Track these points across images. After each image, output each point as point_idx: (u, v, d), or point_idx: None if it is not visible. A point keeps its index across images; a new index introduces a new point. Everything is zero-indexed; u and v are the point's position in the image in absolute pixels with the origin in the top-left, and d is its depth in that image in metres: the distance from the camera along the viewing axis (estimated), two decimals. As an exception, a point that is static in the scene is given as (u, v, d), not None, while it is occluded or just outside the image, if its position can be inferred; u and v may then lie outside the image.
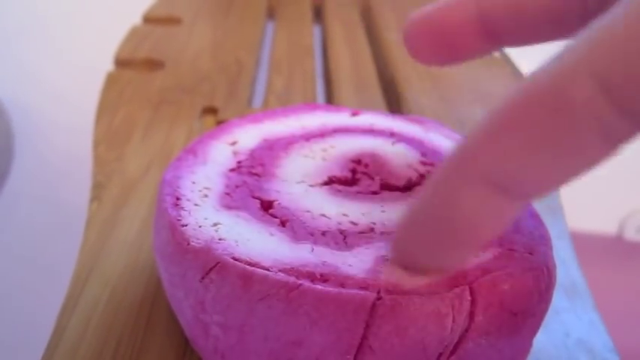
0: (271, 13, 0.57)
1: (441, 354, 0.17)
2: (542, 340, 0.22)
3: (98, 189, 0.29)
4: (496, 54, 0.49)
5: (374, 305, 0.16)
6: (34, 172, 0.67)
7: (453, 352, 0.17)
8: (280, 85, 0.41)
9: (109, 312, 0.23)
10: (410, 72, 0.44)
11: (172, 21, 0.51)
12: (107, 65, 0.42)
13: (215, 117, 0.37)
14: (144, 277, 0.24)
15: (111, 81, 0.40)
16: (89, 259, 0.25)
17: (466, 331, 0.17)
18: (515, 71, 0.46)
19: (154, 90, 0.39)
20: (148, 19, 0.51)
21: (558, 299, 0.25)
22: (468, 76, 0.44)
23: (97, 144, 0.33)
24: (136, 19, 0.51)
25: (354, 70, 0.45)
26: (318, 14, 0.58)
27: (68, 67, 0.63)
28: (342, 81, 0.43)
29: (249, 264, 0.17)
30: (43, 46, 0.65)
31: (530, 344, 0.19)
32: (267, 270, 0.17)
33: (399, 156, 0.23)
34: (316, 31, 0.54)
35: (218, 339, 0.18)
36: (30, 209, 0.59)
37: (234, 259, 0.17)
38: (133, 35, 0.47)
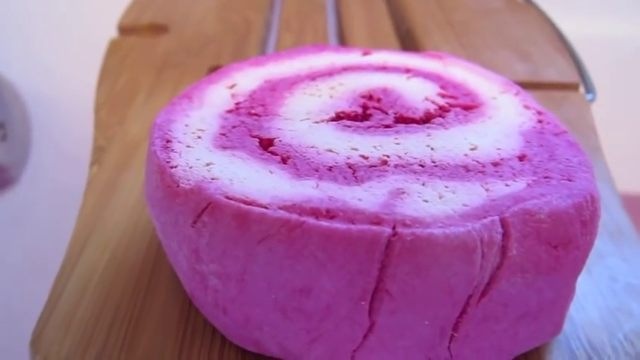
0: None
1: (470, 296, 0.14)
2: (586, 285, 0.20)
3: (99, 152, 0.28)
4: (520, -2, 0.46)
5: (389, 242, 0.14)
6: (52, 159, 0.66)
7: (484, 294, 0.14)
8: (290, 42, 0.39)
9: (107, 276, 0.21)
10: (429, 23, 0.41)
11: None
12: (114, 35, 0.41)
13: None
14: (144, 241, 0.22)
15: (113, 47, 0.38)
16: (88, 223, 0.23)
17: (498, 268, 0.14)
18: (540, 15, 0.42)
19: (157, 54, 0.37)
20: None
21: (602, 243, 0.22)
22: (490, 23, 0.41)
23: (98, 108, 0.31)
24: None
25: (369, 25, 0.42)
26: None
27: (78, 43, 0.61)
28: (356, 36, 0.40)
29: (245, 202, 0.15)
30: (49, 24, 0.64)
31: (574, 286, 0.17)
32: (266, 208, 0.14)
33: (414, 89, 0.21)
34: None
35: (217, 291, 0.16)
36: (48, 198, 0.58)
37: (228, 198, 0.15)
38: (137, 2, 0.45)
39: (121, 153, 0.28)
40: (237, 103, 0.20)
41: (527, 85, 0.33)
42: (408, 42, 0.40)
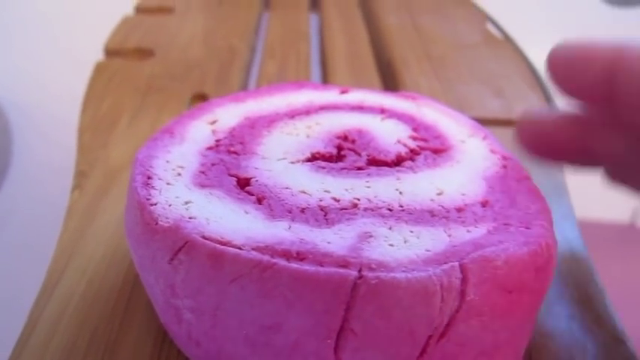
0: (267, 3, 0.55)
1: (430, 337, 0.15)
2: (545, 323, 0.21)
3: (80, 177, 0.28)
4: (497, 34, 0.47)
5: (355, 285, 0.15)
6: (33, 170, 0.66)
7: (443, 335, 0.15)
8: (273, 70, 0.40)
9: (84, 303, 0.21)
10: (409, 55, 0.43)
11: (164, 10, 0.50)
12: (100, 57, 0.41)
13: (205, 103, 0.36)
14: (122, 267, 0.23)
15: (99, 70, 0.38)
16: (67, 249, 0.24)
17: (457, 311, 0.15)
18: (516, 51, 0.44)
19: (142, 78, 0.38)
20: (140, 9, 0.50)
21: (563, 282, 0.23)
22: (467, 57, 0.43)
23: (82, 132, 0.32)
24: (129, 10, 0.50)
25: (350, 54, 0.43)
26: (315, 3, 0.57)
27: (64, 62, 0.62)
28: (337, 65, 0.41)
29: (220, 243, 0.15)
30: (37, 41, 0.64)
31: (530, 326, 0.18)
32: (239, 249, 0.15)
33: (388, 131, 0.22)
34: (313, 19, 0.53)
35: (191, 324, 0.17)
36: (29, 207, 0.58)
37: (204, 237, 0.16)
38: (124, 25, 0.46)
39: (102, 178, 0.28)
40: (218, 140, 0.21)
41: (499, 122, 0.34)
42: (388, 74, 0.41)
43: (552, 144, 0.20)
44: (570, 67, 0.19)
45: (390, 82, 0.40)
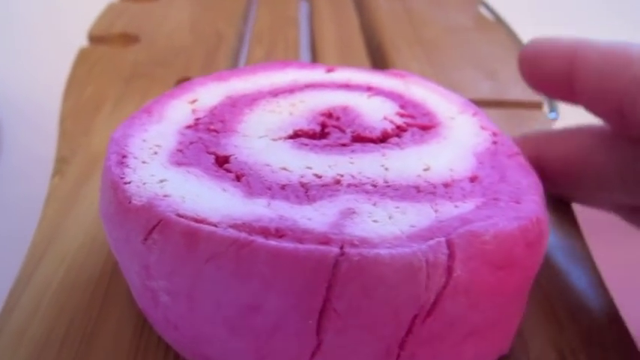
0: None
1: (416, 315, 0.15)
2: (535, 304, 0.20)
3: (61, 163, 0.27)
4: (490, 17, 0.47)
5: (336, 262, 0.14)
6: (21, 161, 0.65)
7: (429, 314, 0.15)
8: (260, 55, 0.39)
9: (62, 292, 0.21)
10: (399, 40, 0.42)
11: (151, -2, 0.49)
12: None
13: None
14: (102, 255, 0.22)
15: (82, 57, 0.38)
16: (45, 236, 0.23)
17: (443, 288, 0.15)
18: (509, 34, 0.43)
19: (126, 64, 0.37)
20: (126, -3, 0.49)
21: (555, 263, 0.22)
22: (459, 40, 0.42)
23: (63, 118, 0.31)
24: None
25: (340, 39, 0.43)
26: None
27: (51, 50, 0.61)
28: (326, 50, 0.41)
29: (195, 220, 0.15)
30: (21, 30, 0.64)
31: (520, 306, 0.17)
32: (215, 226, 0.15)
33: (374, 108, 0.21)
34: (303, 6, 0.52)
35: (168, 308, 0.16)
36: (17, 205, 0.57)
37: (179, 215, 0.15)
38: (109, 11, 0.45)
39: (83, 164, 0.27)
40: (197, 119, 0.20)
41: (491, 104, 0.34)
42: (378, 57, 0.41)
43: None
44: (535, 63, 0.20)
45: (380, 66, 0.40)
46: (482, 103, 0.33)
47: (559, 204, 0.25)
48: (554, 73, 0.20)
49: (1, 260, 0.26)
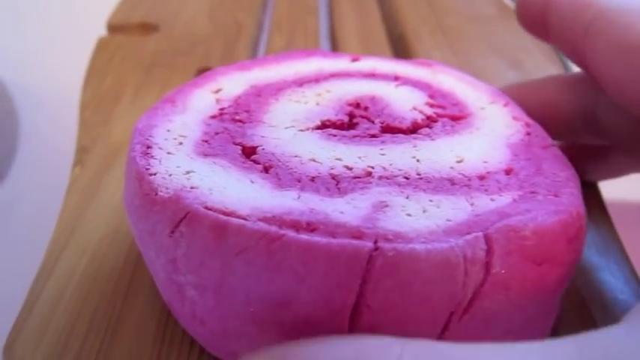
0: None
1: (452, 313, 0.14)
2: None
3: (81, 153, 0.27)
4: (513, 5, 0.46)
5: (370, 257, 0.13)
6: (41, 153, 0.65)
7: (466, 311, 0.14)
8: (280, 44, 0.38)
9: (84, 283, 0.20)
10: (421, 28, 0.41)
11: (169, -14, 0.49)
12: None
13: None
14: (125, 246, 0.22)
15: (101, 46, 0.37)
16: (67, 226, 0.23)
17: (481, 285, 0.14)
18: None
19: (146, 54, 0.37)
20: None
21: (590, 258, 0.22)
22: (481, 29, 0.41)
23: (83, 108, 0.31)
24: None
25: (361, 28, 0.42)
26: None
27: (69, 41, 0.61)
28: (347, 39, 0.40)
29: (224, 213, 0.14)
30: (39, 21, 0.63)
31: (556, 303, 0.17)
32: (245, 219, 0.14)
33: (402, 98, 0.21)
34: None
35: (195, 302, 0.16)
36: (35, 195, 0.57)
37: (207, 208, 0.14)
38: (128, 1, 0.44)
39: (104, 154, 0.27)
40: (222, 109, 0.19)
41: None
42: (400, 47, 0.40)
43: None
44: (525, 6, 0.22)
45: (402, 55, 0.39)
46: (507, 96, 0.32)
47: (590, 197, 0.24)
48: (535, 14, 0.22)
49: (23, 252, 0.26)
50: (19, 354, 0.18)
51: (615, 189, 0.25)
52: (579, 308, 0.20)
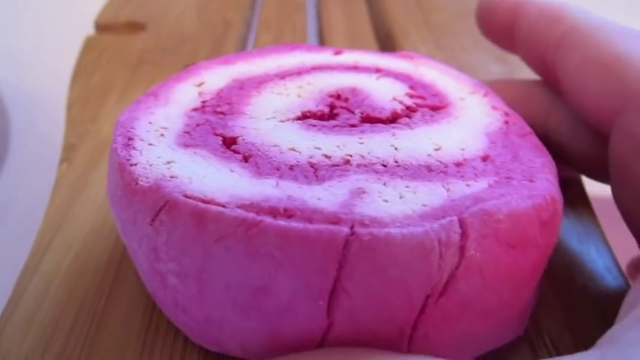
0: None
1: (428, 296, 0.14)
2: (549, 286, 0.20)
3: (68, 150, 0.27)
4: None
5: (347, 242, 0.14)
6: (33, 153, 0.64)
7: (442, 294, 0.14)
8: (268, 42, 0.39)
9: (70, 277, 0.21)
10: (408, 25, 0.41)
11: (157, -14, 0.49)
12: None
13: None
14: (110, 240, 0.22)
15: (89, 45, 0.37)
16: (53, 222, 0.23)
17: (456, 268, 0.14)
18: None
19: (133, 52, 0.37)
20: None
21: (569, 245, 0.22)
22: (468, 25, 0.41)
23: (70, 106, 0.31)
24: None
25: (349, 26, 0.42)
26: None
27: (58, 40, 0.61)
28: (334, 36, 0.40)
29: (203, 201, 0.15)
30: (28, 20, 0.63)
31: (535, 287, 0.17)
32: (223, 206, 0.14)
33: (383, 89, 0.21)
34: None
35: (177, 290, 0.16)
36: (27, 195, 0.57)
37: (186, 196, 0.15)
38: (115, 0, 0.44)
39: (91, 151, 0.27)
40: (204, 102, 0.20)
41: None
42: (388, 44, 0.40)
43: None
44: (488, 14, 0.22)
45: (388, 50, 0.39)
46: (487, 86, 0.32)
47: (572, 185, 0.25)
48: (500, 23, 0.22)
49: (10, 247, 0.26)
50: (5, 347, 0.18)
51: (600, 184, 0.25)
52: (559, 293, 0.20)
